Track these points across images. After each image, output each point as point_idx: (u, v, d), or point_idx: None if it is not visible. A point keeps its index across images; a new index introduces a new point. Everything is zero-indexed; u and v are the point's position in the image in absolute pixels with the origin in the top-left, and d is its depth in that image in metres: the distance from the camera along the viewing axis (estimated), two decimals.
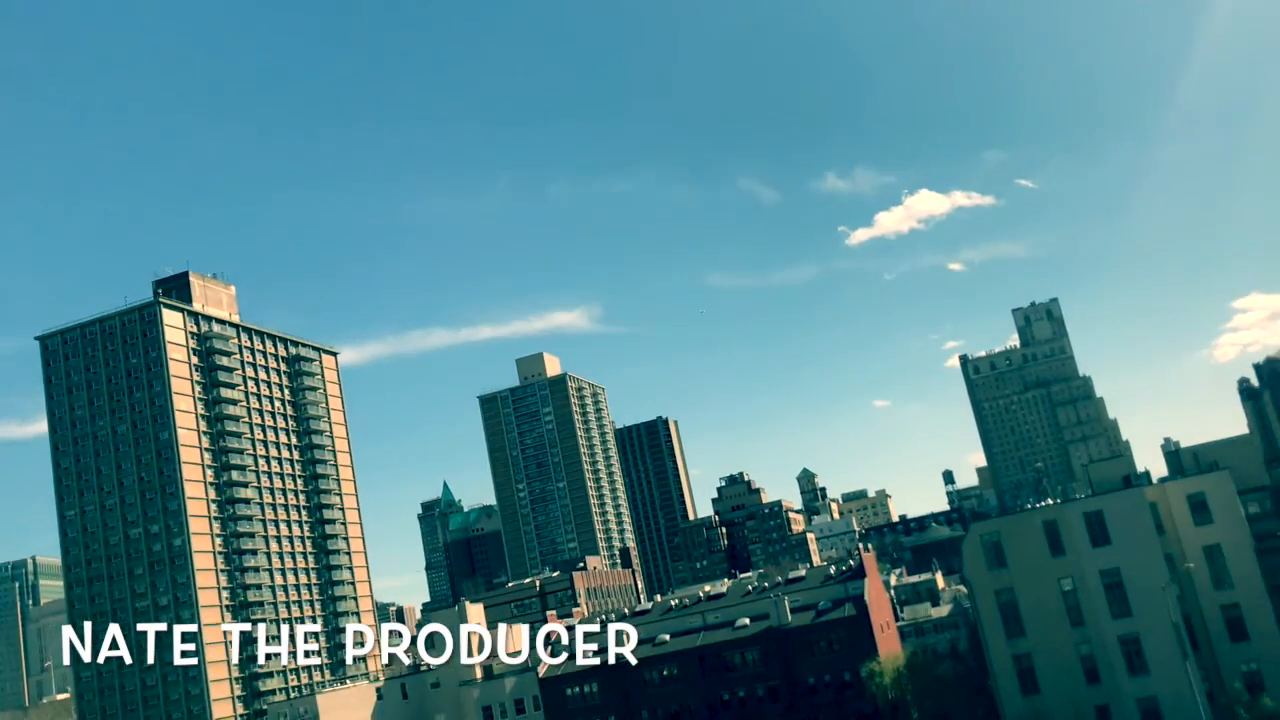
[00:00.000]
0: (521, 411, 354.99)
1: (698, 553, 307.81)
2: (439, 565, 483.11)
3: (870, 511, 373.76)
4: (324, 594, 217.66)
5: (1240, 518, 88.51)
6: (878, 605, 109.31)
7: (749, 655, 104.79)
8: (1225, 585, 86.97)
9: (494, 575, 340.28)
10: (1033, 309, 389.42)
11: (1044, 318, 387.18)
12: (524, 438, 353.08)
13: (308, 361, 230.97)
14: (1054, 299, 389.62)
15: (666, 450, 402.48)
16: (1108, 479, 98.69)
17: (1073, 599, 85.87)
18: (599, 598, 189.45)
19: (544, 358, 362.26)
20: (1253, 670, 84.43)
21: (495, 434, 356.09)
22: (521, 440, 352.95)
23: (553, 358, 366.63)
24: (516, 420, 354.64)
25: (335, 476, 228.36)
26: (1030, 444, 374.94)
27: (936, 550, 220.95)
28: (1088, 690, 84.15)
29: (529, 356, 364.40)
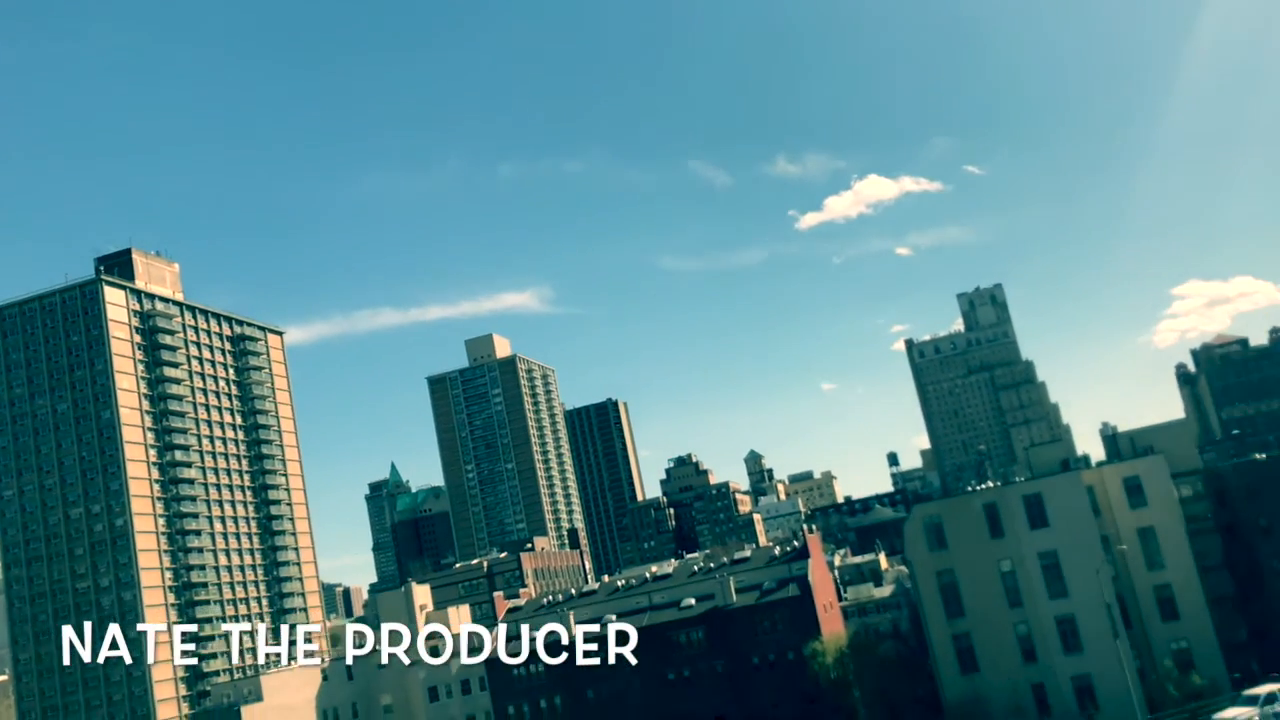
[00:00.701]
0: (470, 393, 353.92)
1: (646, 533, 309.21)
2: (386, 546, 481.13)
3: (816, 493, 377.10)
4: (269, 574, 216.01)
5: (1173, 500, 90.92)
6: (821, 586, 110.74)
7: (694, 635, 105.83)
8: (1158, 566, 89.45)
9: (442, 556, 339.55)
10: (977, 294, 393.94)
11: (988, 303, 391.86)
12: (473, 419, 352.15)
13: (253, 341, 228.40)
14: (998, 284, 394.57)
15: (616, 432, 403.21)
16: (1047, 462, 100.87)
17: (1011, 580, 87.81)
18: (547, 579, 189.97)
19: (493, 339, 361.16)
20: (1183, 648, 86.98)
21: (444, 415, 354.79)
22: (470, 422, 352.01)
23: (502, 339, 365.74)
24: (465, 402, 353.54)
25: (281, 457, 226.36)
26: (973, 427, 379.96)
27: (880, 531, 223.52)
28: (1025, 669, 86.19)
29: (478, 338, 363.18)
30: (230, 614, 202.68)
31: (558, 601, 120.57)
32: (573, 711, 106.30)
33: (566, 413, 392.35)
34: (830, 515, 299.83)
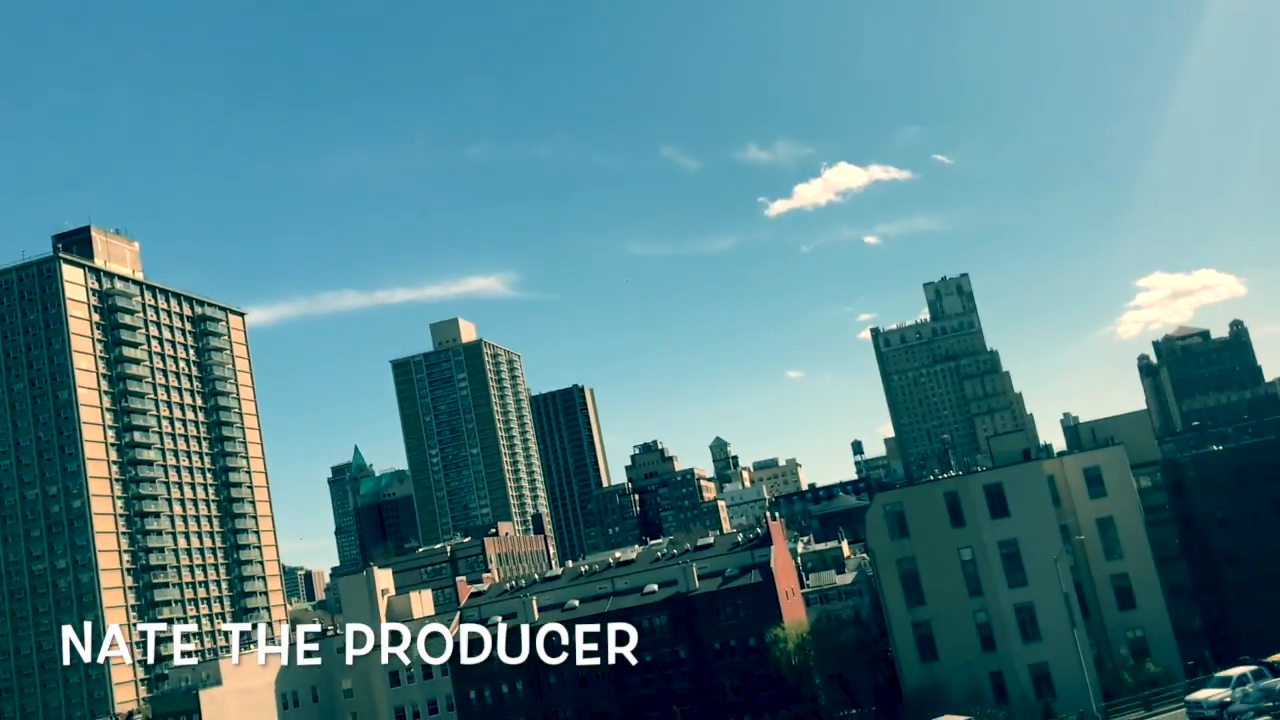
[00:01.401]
0: (435, 377, 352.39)
1: (610, 519, 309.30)
2: (349, 529, 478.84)
3: (781, 480, 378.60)
4: (229, 558, 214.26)
5: (1132, 491, 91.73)
6: (783, 572, 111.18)
7: (657, 621, 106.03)
8: (1116, 556, 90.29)
9: (405, 540, 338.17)
10: (943, 283, 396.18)
11: (954, 292, 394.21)
12: (437, 404, 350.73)
13: (214, 321, 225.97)
14: (964, 274, 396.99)
15: (582, 418, 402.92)
16: (1008, 452, 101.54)
17: (971, 568, 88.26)
18: (510, 563, 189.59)
19: (459, 323, 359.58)
20: (1138, 637, 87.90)
21: (408, 399, 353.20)
22: (435, 406, 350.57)
23: (468, 324, 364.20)
24: (430, 386, 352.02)
25: (242, 439, 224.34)
26: (937, 416, 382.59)
27: (844, 519, 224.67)
28: (983, 657, 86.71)
29: (444, 322, 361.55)
30: (189, 597, 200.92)
31: (520, 586, 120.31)
32: (533, 696, 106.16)
33: (532, 398, 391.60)
34: (794, 503, 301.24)
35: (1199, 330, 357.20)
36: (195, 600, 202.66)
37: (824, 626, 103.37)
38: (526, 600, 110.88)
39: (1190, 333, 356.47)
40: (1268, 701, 59.81)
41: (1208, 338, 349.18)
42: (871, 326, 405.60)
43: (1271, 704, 59.48)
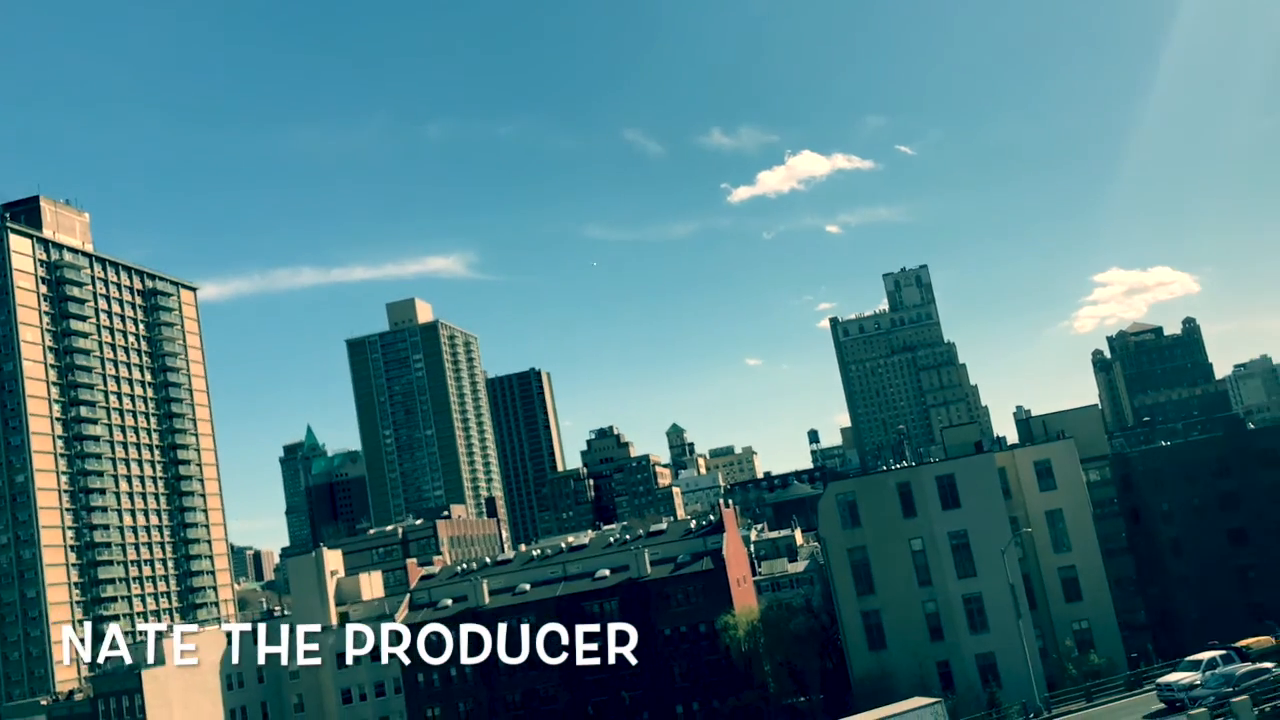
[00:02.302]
0: (390, 357, 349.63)
1: (565, 504, 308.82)
2: (300, 509, 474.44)
3: (736, 467, 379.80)
4: (175, 536, 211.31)
5: (1081, 485, 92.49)
6: (735, 560, 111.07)
7: (608, 606, 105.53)
8: (1064, 548, 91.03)
9: (357, 521, 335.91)
10: (903, 274, 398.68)
11: (913, 284, 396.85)
12: (392, 384, 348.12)
13: (165, 296, 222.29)
14: (923, 265, 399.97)
15: (538, 401, 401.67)
16: (961, 444, 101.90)
17: (922, 559, 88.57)
18: (462, 546, 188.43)
19: (415, 304, 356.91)
20: (1084, 628, 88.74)
21: (362, 379, 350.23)
22: (390, 386, 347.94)
23: (425, 304, 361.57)
24: (385, 366, 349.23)
25: (191, 416, 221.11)
26: (894, 406, 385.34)
27: (797, 507, 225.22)
28: (931, 647, 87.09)
29: (400, 302, 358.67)
30: (134, 575, 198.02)
31: (471, 570, 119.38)
32: (482, 680, 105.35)
33: (488, 380, 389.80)
34: (749, 490, 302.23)
35: (1152, 327, 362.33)
36: (140, 579, 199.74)
37: (774, 614, 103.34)
38: (477, 583, 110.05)
39: (1144, 329, 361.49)
40: (1227, 686, 61.07)
41: (1161, 334, 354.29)
42: (831, 316, 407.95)
43: (1231, 689, 60.67)
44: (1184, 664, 67.30)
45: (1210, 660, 65.28)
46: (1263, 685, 61.07)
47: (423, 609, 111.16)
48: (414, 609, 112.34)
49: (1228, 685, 61.10)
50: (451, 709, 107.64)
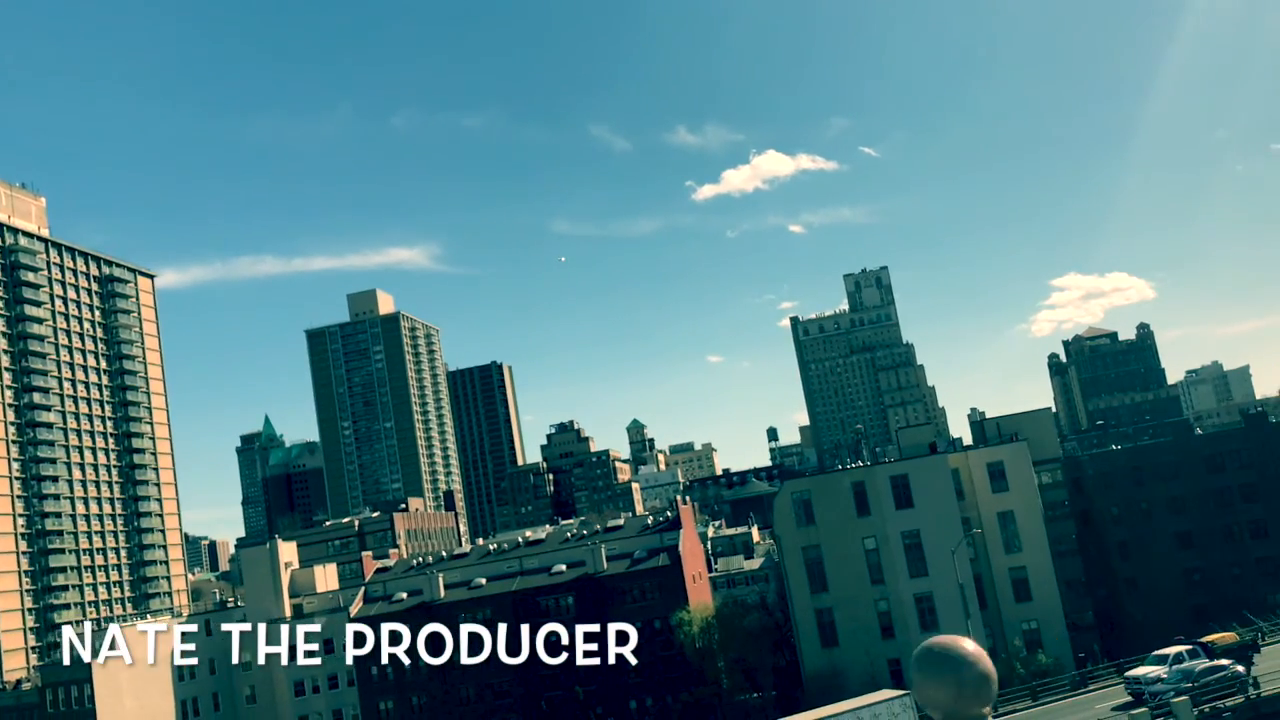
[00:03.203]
0: (350, 348, 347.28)
1: (524, 498, 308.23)
2: (256, 500, 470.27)
3: (696, 464, 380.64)
4: (129, 525, 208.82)
5: (1033, 487, 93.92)
6: (691, 556, 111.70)
7: (563, 601, 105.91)
8: (1015, 549, 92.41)
9: (314, 513, 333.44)
10: (863, 275, 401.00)
11: (873, 285, 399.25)
12: (352, 375, 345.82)
13: (122, 283, 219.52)
14: (884, 267, 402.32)
15: (499, 395, 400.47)
16: (915, 445, 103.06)
17: (875, 558, 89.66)
18: (419, 540, 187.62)
19: (377, 294, 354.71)
20: (1033, 628, 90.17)
21: (322, 370, 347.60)
22: (349, 378, 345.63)
23: (386, 295, 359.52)
24: (345, 357, 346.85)
25: (147, 404, 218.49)
26: (852, 406, 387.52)
27: (755, 505, 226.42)
28: (883, 645, 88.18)
29: (361, 293, 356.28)
30: (86, 564, 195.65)
31: (427, 563, 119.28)
32: (435, 674, 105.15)
33: (449, 373, 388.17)
34: (708, 487, 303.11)
35: (1107, 331, 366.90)
36: (93, 568, 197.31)
37: (729, 611, 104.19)
38: (432, 577, 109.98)
39: (1099, 334, 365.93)
40: (1187, 682, 62.45)
41: (1115, 339, 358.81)
42: (792, 315, 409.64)
43: (1190, 684, 62.08)
44: (1151, 658, 68.54)
45: (1177, 655, 66.61)
46: (1220, 682, 62.57)
47: (377, 602, 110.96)
48: (368, 602, 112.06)
49: (1187, 681, 62.49)
50: (405, 703, 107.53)
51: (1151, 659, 68.39)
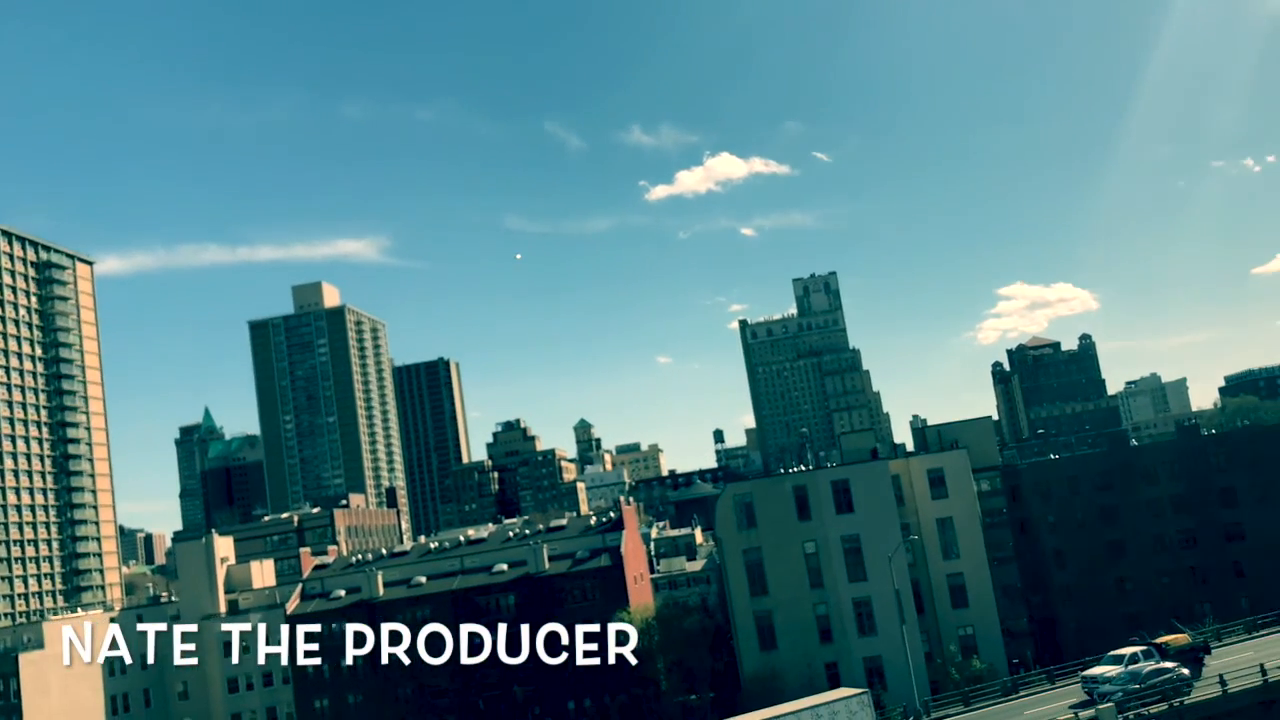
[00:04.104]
0: (294, 341, 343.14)
1: (468, 496, 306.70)
2: (195, 493, 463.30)
3: (642, 465, 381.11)
4: (62, 516, 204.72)
5: (972, 494, 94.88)
6: (633, 557, 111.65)
7: (504, 600, 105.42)
8: (953, 555, 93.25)
9: (253, 507, 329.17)
10: (812, 280, 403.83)
11: (822, 290, 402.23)
12: (295, 368, 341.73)
13: (60, 269, 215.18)
14: (833, 272, 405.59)
15: (446, 392, 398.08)
16: (857, 450, 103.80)
17: (815, 561, 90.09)
18: (360, 536, 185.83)
19: (322, 287, 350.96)
20: (969, 634, 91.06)
21: (264, 362, 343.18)
22: (292, 371, 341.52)
23: (332, 288, 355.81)
24: (288, 350, 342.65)
25: (83, 394, 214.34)
26: (798, 410, 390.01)
27: (699, 506, 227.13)
28: (821, 648, 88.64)
29: (306, 285, 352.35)
30: (16, 555, 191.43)
31: (367, 561, 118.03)
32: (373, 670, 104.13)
33: (395, 368, 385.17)
34: (654, 488, 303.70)
35: (1051, 341, 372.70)
36: (23, 559, 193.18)
37: (669, 612, 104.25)
38: (371, 574, 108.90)
39: (1042, 343, 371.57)
40: (1134, 684, 63.56)
41: (1058, 349, 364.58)
42: (741, 318, 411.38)
43: (1138, 686, 63.24)
44: (1107, 658, 69.44)
45: (1132, 655, 67.61)
46: (1165, 684, 63.73)
47: (315, 599, 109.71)
48: (305, 599, 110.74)
49: (1134, 682, 63.65)
50: (341, 701, 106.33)
51: (1107, 659, 69.31)
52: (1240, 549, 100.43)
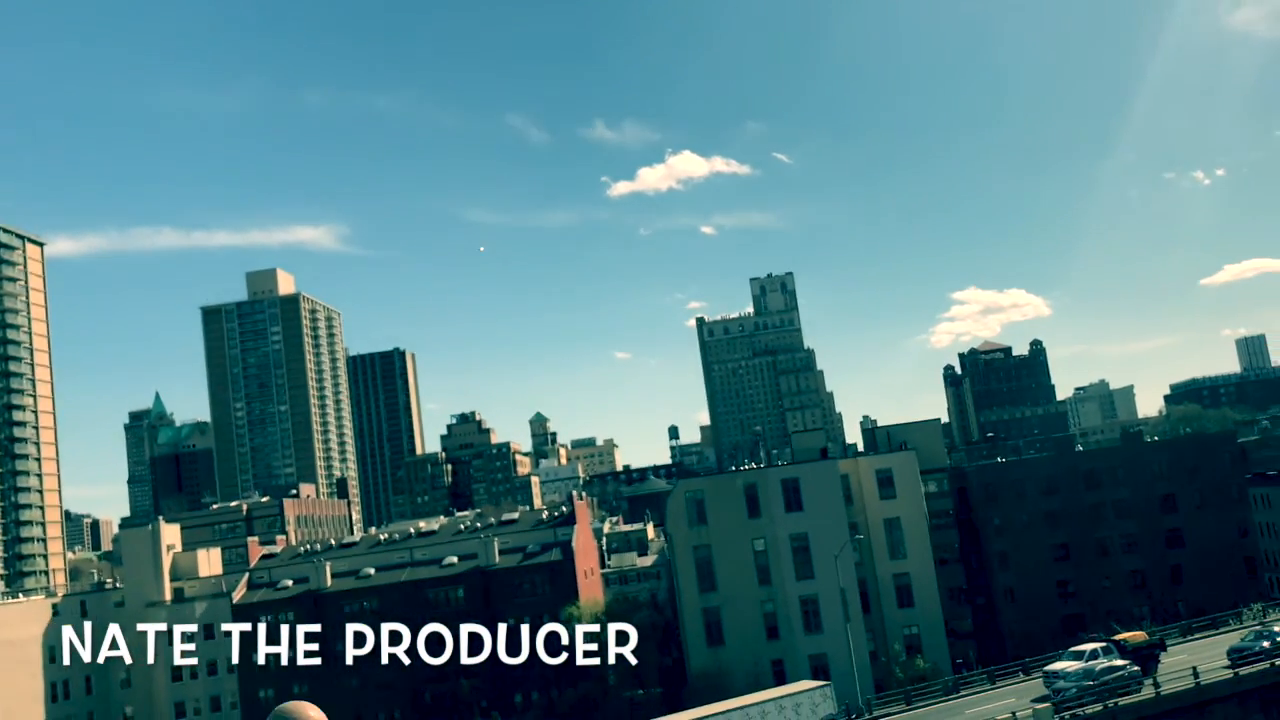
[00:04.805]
0: (247, 328, 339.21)
1: (420, 488, 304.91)
2: (143, 479, 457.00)
3: (597, 459, 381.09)
4: (5, 499, 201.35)
5: (919, 495, 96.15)
6: (584, 552, 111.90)
7: (453, 593, 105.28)
8: (900, 555, 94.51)
9: (202, 495, 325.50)
10: (769, 280, 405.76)
11: (778, 289, 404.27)
12: (247, 355, 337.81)
13: (8, 249, 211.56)
14: (789, 273, 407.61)
15: (401, 383, 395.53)
16: (808, 449, 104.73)
17: (764, 559, 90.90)
18: (309, 526, 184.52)
19: (277, 274, 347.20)
20: (913, 634, 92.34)
21: (216, 348, 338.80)
22: (244, 358, 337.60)
23: (287, 275, 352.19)
24: (241, 336, 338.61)
25: (30, 375, 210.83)
26: (752, 408, 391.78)
27: (652, 502, 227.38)
28: (768, 645, 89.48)
29: (261, 271, 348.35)
30: None
31: (315, 551, 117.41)
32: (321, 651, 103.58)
33: (350, 358, 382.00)
34: (608, 483, 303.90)
35: (1002, 346, 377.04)
36: None
37: (619, 607, 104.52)
38: (319, 565, 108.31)
39: (994, 348, 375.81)
40: (1088, 680, 64.50)
41: (1009, 354, 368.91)
42: (698, 316, 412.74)
43: (1092, 682, 64.22)
44: (1069, 654, 70.42)
45: (1093, 651, 68.65)
46: (1118, 681, 64.79)
47: (261, 589, 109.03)
48: (252, 588, 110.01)
49: (1088, 679, 64.65)
50: (286, 692, 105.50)
51: (1069, 654, 70.34)
52: (1179, 554, 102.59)
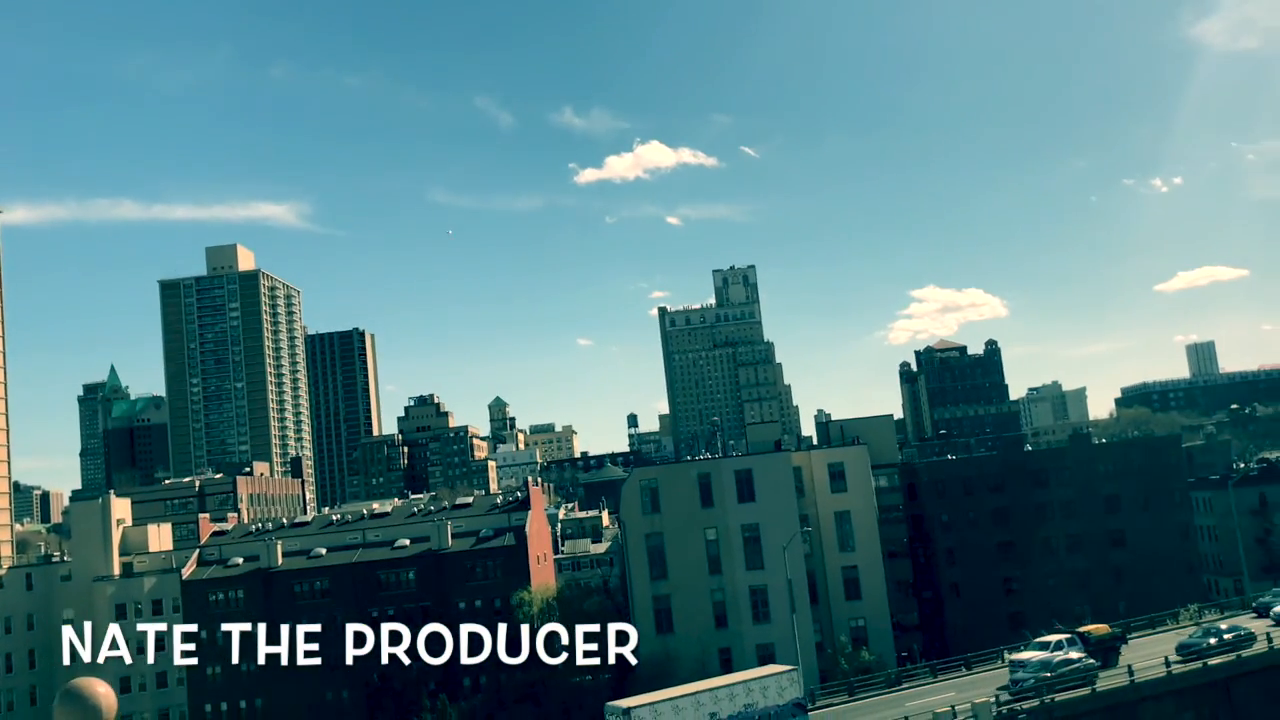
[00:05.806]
0: (205, 303, 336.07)
1: (376, 469, 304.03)
2: (96, 452, 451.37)
3: (555, 445, 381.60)
4: None
5: (870, 489, 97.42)
6: (538, 537, 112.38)
7: (404, 576, 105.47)
8: (849, 548, 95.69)
9: (154, 470, 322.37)
10: (731, 272, 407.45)
11: (740, 282, 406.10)
12: (204, 331, 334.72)
13: None
14: (751, 266, 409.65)
15: (359, 363, 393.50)
16: (763, 441, 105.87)
17: (715, 548, 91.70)
18: (262, 505, 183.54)
19: (237, 249, 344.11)
20: (860, 626, 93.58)
21: (173, 323, 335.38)
22: (202, 334, 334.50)
23: (247, 251, 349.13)
24: (199, 312, 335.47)
25: None
26: (711, 398, 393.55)
27: (608, 489, 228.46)
28: (716, 634, 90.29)
29: (220, 247, 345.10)
30: None
31: (267, 530, 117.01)
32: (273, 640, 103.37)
33: (308, 337, 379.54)
34: (565, 469, 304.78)
35: (957, 345, 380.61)
36: None
37: (570, 593, 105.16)
38: (271, 544, 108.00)
39: (949, 346, 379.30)
40: (1045, 672, 65.83)
41: (964, 353, 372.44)
42: (660, 305, 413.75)
43: (1050, 674, 65.56)
44: (1034, 644, 71.67)
45: (1057, 642, 69.91)
46: (1074, 673, 66.38)
47: (211, 565, 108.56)
48: (202, 565, 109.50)
49: (1045, 670, 65.95)
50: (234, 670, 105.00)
51: (1034, 645, 71.61)
52: (1121, 554, 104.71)
